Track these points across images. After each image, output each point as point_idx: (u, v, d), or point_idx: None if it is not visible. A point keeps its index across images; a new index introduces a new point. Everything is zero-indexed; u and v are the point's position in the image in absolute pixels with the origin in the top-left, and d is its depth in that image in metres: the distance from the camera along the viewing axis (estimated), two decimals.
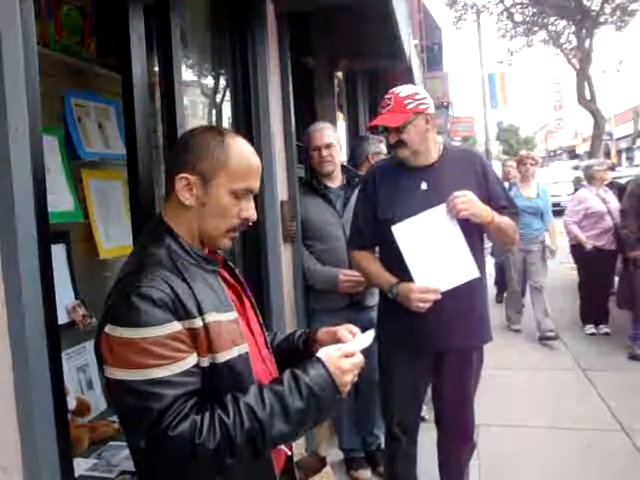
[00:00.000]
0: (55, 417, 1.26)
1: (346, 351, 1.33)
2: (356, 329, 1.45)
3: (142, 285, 1.16)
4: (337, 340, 1.42)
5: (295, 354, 1.50)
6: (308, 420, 1.26)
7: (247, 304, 1.47)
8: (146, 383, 1.12)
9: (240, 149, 1.32)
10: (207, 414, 1.15)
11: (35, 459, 1.20)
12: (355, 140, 4.02)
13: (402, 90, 2.40)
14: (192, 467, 1.15)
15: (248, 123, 2.83)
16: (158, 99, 2.20)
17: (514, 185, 6.09)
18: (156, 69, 2.12)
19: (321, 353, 1.33)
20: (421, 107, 2.37)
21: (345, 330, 1.44)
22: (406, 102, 2.35)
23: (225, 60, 2.89)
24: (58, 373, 1.31)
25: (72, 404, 2.19)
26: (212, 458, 1.14)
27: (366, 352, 1.38)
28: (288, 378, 1.25)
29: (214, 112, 3.19)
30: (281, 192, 3.02)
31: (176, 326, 1.17)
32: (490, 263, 7.05)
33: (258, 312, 1.50)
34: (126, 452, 2.04)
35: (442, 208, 2.31)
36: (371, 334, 1.45)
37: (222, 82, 3.09)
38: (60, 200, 2.17)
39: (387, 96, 2.41)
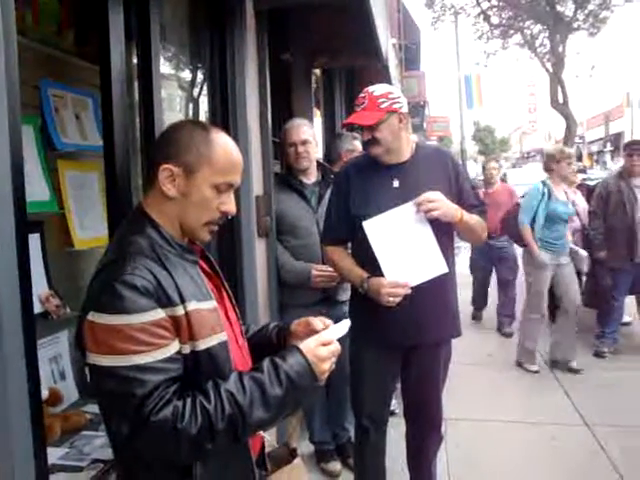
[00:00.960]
0: (30, 407, 1.26)
1: (323, 340, 1.37)
2: (329, 321, 1.49)
3: (125, 273, 1.18)
4: (310, 329, 1.46)
5: (268, 346, 1.54)
6: (287, 407, 1.30)
7: (225, 294, 1.50)
8: (129, 369, 1.14)
9: (224, 144, 1.36)
10: (189, 400, 1.18)
11: (9, 448, 1.20)
12: (330, 137, 4.06)
13: (376, 89, 2.45)
14: (173, 452, 1.18)
15: (225, 118, 2.84)
16: (137, 92, 2.21)
17: (545, 186, 4.96)
18: (135, 61, 2.12)
19: (299, 342, 1.37)
20: (394, 106, 2.42)
21: (317, 319, 1.49)
22: (380, 101, 2.40)
23: (203, 55, 2.90)
24: (34, 363, 1.31)
25: (44, 394, 2.19)
26: (193, 443, 1.17)
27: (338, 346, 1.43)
28: (267, 366, 1.28)
29: (191, 106, 3.19)
30: (256, 187, 3.04)
31: (159, 313, 1.19)
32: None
33: (234, 303, 1.54)
34: (98, 441, 2.06)
35: (412, 205, 2.36)
36: (347, 323, 1.49)
37: (199, 76, 3.09)
38: (35, 190, 2.16)
39: (361, 95, 2.46)
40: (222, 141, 1.36)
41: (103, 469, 1.83)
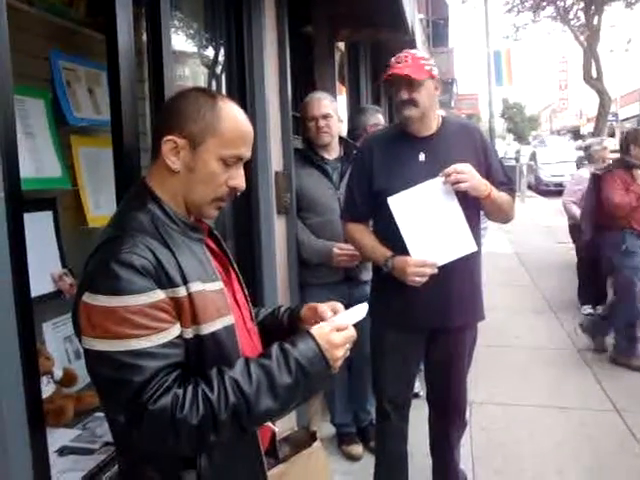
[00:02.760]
0: (26, 392, 1.21)
1: (338, 325, 1.27)
2: (340, 306, 1.40)
3: (123, 251, 1.10)
4: (319, 317, 1.36)
5: (280, 330, 1.45)
6: (297, 396, 1.21)
7: (233, 275, 1.42)
8: (126, 354, 1.07)
9: (232, 114, 1.26)
10: (190, 388, 1.10)
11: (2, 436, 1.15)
12: (353, 111, 3.94)
13: (417, 52, 2.38)
14: (173, 443, 1.10)
15: (242, 92, 2.75)
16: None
17: None
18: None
19: (311, 327, 1.28)
20: (433, 72, 2.34)
21: (327, 306, 1.39)
22: (422, 62, 2.31)
23: (220, 27, 2.80)
24: (30, 349, 1.25)
25: (59, 374, 2.17)
26: (194, 434, 1.09)
27: (360, 327, 1.33)
28: (276, 352, 1.19)
29: (206, 80, 3.10)
30: (276, 162, 2.96)
31: (159, 295, 1.11)
32: None
33: (243, 284, 1.46)
34: None
35: (440, 180, 2.25)
36: (364, 307, 1.39)
37: (216, 50, 3.00)
38: (47, 166, 2.12)
39: (402, 54, 2.35)
40: (230, 111, 1.25)
41: (113, 453, 1.79)
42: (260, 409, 1.14)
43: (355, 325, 1.32)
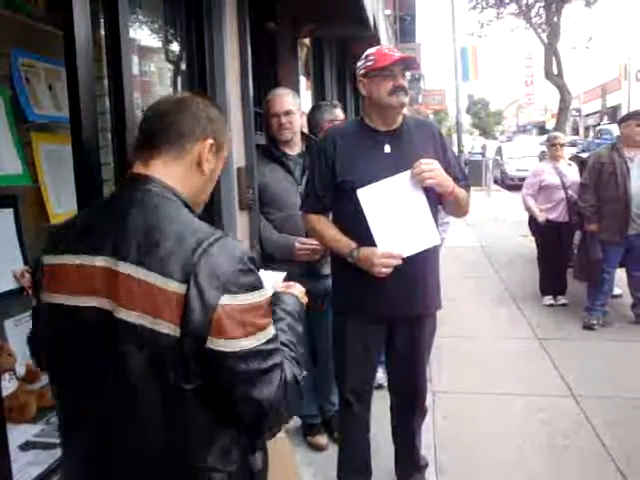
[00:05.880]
0: None
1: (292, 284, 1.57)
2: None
3: (239, 248, 1.17)
4: None
5: None
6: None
7: None
8: (269, 341, 1.16)
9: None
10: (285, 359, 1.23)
11: None
12: (310, 110, 3.96)
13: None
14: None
15: (203, 87, 2.76)
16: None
17: None
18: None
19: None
20: None
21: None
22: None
23: (180, 21, 2.81)
24: None
25: (21, 371, 2.17)
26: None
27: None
28: (282, 313, 1.37)
29: (167, 75, 3.11)
30: (238, 159, 2.99)
31: None
32: None
33: None
34: None
35: (409, 174, 2.32)
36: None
37: (176, 45, 3.00)
38: (7, 163, 2.11)
39: (384, 46, 2.44)
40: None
41: None
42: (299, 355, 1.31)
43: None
